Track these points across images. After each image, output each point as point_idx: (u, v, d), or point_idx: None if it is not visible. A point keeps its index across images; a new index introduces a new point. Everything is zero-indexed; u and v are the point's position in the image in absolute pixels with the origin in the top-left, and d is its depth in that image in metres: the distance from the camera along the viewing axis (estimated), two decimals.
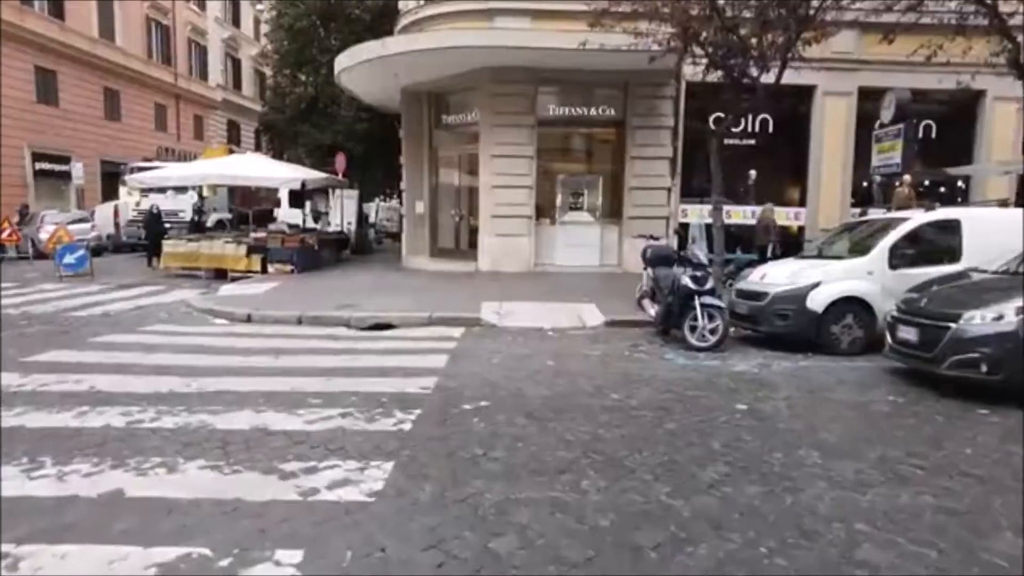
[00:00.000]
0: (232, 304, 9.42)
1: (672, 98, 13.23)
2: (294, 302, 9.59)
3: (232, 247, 13.62)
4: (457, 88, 13.92)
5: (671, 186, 13.32)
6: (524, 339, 7.48)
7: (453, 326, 8.28)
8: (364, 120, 17.31)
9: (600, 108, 13.33)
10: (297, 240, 13.69)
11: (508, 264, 12.99)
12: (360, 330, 8.23)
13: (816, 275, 6.85)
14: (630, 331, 8.09)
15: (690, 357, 6.51)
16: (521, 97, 12.87)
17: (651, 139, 13.14)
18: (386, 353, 6.49)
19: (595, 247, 13.62)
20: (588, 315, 8.84)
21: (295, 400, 4.69)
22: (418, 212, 14.73)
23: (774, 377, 5.74)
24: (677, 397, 4.96)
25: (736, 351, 6.89)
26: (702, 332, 6.84)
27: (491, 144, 12.97)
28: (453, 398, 4.79)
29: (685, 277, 6.97)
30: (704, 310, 6.86)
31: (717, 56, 9.03)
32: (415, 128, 14.76)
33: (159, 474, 3.31)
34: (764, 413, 4.61)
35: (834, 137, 13.81)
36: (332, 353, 6.49)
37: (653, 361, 6.33)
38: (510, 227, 13.03)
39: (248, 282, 12.21)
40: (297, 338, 7.44)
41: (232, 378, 5.38)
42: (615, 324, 8.44)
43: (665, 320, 7.27)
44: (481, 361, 6.16)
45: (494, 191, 13.04)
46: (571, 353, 6.61)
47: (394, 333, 7.92)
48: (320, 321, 8.52)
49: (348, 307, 9.02)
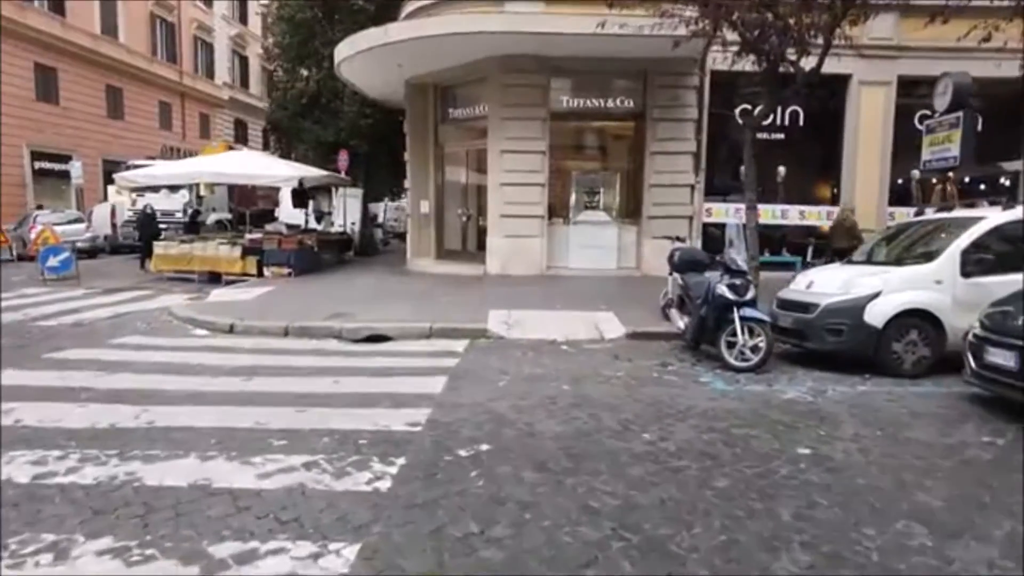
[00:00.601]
0: (216, 312, 8.62)
1: (696, 88, 12.26)
2: (284, 310, 8.78)
3: (226, 249, 12.87)
4: (464, 80, 13.05)
5: (695, 183, 12.36)
6: (535, 354, 6.60)
7: (456, 338, 7.42)
8: (368, 116, 16.48)
9: (618, 100, 12.40)
10: (295, 241, 12.89)
11: (518, 267, 12.11)
12: (353, 342, 7.41)
13: (874, 284, 5.89)
14: (655, 345, 7.17)
15: (729, 380, 5.58)
16: (532, 88, 11.97)
17: (673, 133, 12.18)
18: (375, 375, 5.63)
19: (612, 249, 12.69)
20: (606, 325, 7.94)
21: (254, 441, 3.83)
22: (423, 212, 13.89)
23: (833, 408, 4.80)
24: (723, 438, 4.04)
25: (780, 371, 5.95)
26: (742, 350, 5.91)
27: (500, 139, 12.09)
28: (448, 439, 3.91)
29: (721, 286, 6.04)
30: (744, 324, 5.93)
31: (751, 36, 8.07)
32: (420, 123, 13.92)
33: (39, 564, 2.45)
34: (835, 462, 3.68)
35: (870, 130, 12.77)
36: (313, 374, 5.64)
37: (687, 386, 5.40)
38: (521, 227, 12.14)
39: (241, 286, 11.42)
40: (278, 353, 6.60)
41: (190, 408, 4.54)
42: (637, 336, 7.52)
43: (697, 334, 6.34)
44: (485, 385, 5.28)
45: (503, 189, 12.16)
46: (590, 374, 5.71)
47: (389, 347, 7.06)
48: (308, 332, 7.69)
49: (341, 316, 8.18)
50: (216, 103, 33.89)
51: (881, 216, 13.00)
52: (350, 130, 16.78)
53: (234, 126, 35.54)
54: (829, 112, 13.17)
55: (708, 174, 12.65)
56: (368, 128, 16.68)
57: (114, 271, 14.58)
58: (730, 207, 12.96)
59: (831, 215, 13.26)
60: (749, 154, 8.45)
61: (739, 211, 12.99)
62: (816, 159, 13.53)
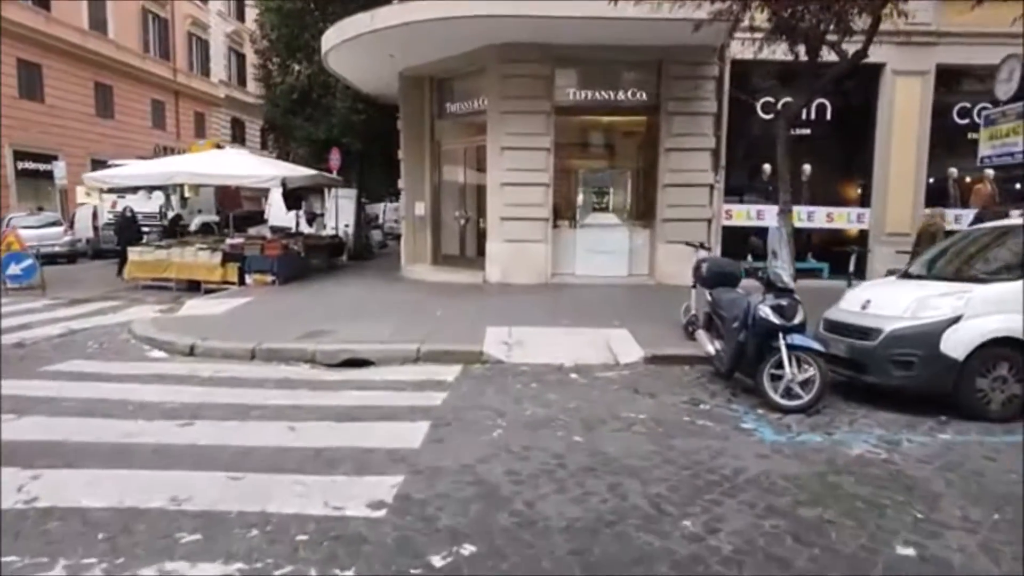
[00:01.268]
0: (180, 330, 7.62)
1: (715, 79, 11.21)
2: (257, 326, 7.79)
3: (206, 255, 11.89)
4: (462, 71, 12.04)
5: (714, 183, 11.31)
6: (539, 386, 5.57)
7: (447, 363, 6.41)
8: (361, 112, 15.49)
9: (629, 92, 11.34)
10: (279, 246, 11.90)
11: (521, 274, 11.09)
12: (328, 367, 6.42)
13: (953, 306, 4.83)
14: (678, 372, 6.15)
15: (778, 426, 4.54)
16: (535, 79, 10.93)
17: (690, 127, 11.12)
18: (343, 418, 4.61)
19: (623, 255, 11.66)
20: (621, 346, 6.91)
21: (156, 536, 2.82)
22: (418, 214, 12.88)
23: (919, 470, 3.76)
24: (790, 526, 3.00)
25: (836, 411, 4.90)
26: (789, 385, 4.87)
27: (501, 135, 11.06)
28: (419, 533, 2.88)
29: (764, 307, 5.00)
30: (793, 354, 4.89)
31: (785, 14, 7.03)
32: (415, 118, 12.91)
33: None
34: (955, 572, 2.64)
35: (905, 125, 11.68)
36: (268, 416, 4.63)
37: (728, 434, 4.36)
38: (523, 231, 11.12)
39: (217, 297, 10.44)
40: (236, 385, 5.59)
41: (95, 473, 3.54)
42: (657, 360, 6.49)
43: (734, 363, 5.30)
44: (475, 434, 4.25)
45: (504, 190, 11.14)
46: (605, 416, 4.67)
47: (368, 375, 6.05)
48: (278, 355, 6.68)
49: (318, 335, 7.18)
50: (212, 102, 33.00)
51: (917, 218, 11.90)
52: (343, 127, 15.79)
53: (231, 125, 34.63)
54: (859, 105, 12.10)
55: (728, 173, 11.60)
56: (362, 125, 15.69)
57: (88, 278, 13.64)
58: (751, 209, 11.93)
59: (861, 217, 12.22)
60: (784, 150, 7.41)
61: (762, 213, 11.99)
62: (844, 156, 12.45)
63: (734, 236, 11.57)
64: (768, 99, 11.67)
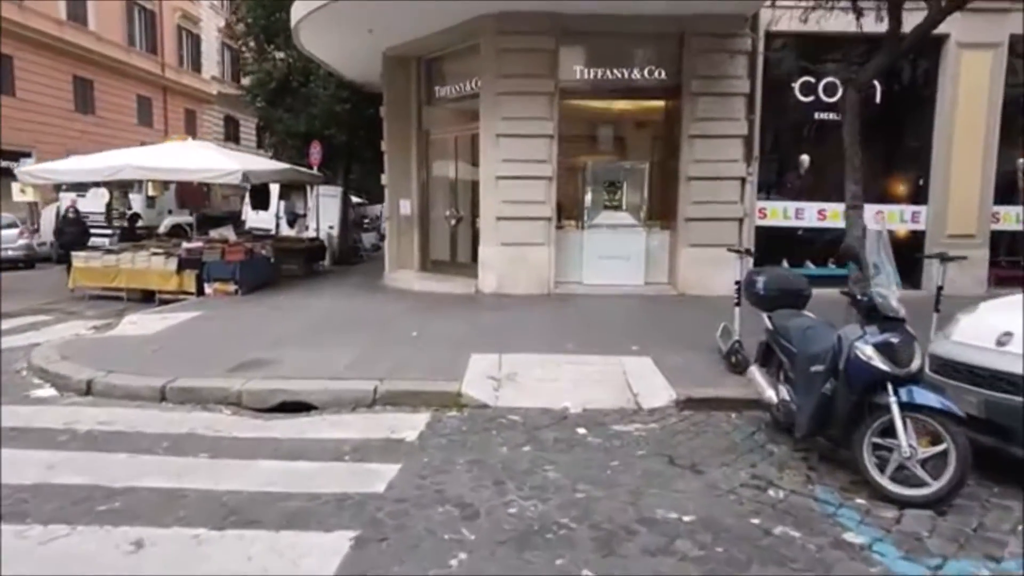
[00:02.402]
0: (86, 359, 6.05)
1: (747, 54, 9.55)
2: (187, 353, 6.24)
3: (160, 261, 10.37)
4: (453, 48, 10.44)
5: (746, 175, 9.64)
6: (534, 449, 3.97)
7: (413, 407, 4.84)
8: (345, 100, 13.96)
9: (646, 69, 9.70)
10: (242, 251, 10.34)
11: (519, 283, 9.48)
12: (256, 412, 4.86)
13: None
14: (724, 423, 4.54)
15: (903, 540, 2.89)
16: (537, 54, 9.32)
17: (718, 110, 9.47)
18: (228, 520, 3.00)
19: (638, 260, 10.01)
20: (643, 382, 5.30)
21: None
22: (403, 213, 11.30)
23: None
24: None
25: (981, 503, 3.26)
26: (904, 464, 3.24)
27: (496, 120, 9.44)
28: None
29: (866, 346, 3.36)
30: (909, 417, 3.25)
31: None
32: (400, 104, 11.33)
33: None
34: None
35: (972, 106, 9.96)
36: (118, 518, 3.04)
37: (826, 554, 2.73)
38: (522, 233, 9.50)
39: (162, 311, 8.89)
40: (114, 447, 4.02)
41: None
42: (694, 405, 4.87)
43: (815, 425, 3.65)
44: (425, 558, 2.65)
45: (500, 184, 9.52)
46: (631, 518, 3.05)
47: (300, 429, 4.45)
48: (194, 396, 5.10)
49: (255, 366, 5.61)
50: (204, 98, 31.58)
51: (984, 217, 10.22)
52: (326, 118, 14.26)
53: (224, 124, 33.24)
54: (915, 84, 10.43)
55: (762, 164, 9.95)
56: (347, 115, 14.15)
57: (34, 286, 12.15)
58: (788, 207, 10.25)
59: (916, 216, 10.51)
60: (853, 129, 5.74)
61: (801, 212, 10.32)
62: (897, 145, 10.76)
63: (769, 239, 9.93)
64: (807, 79, 10.01)
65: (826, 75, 9.85)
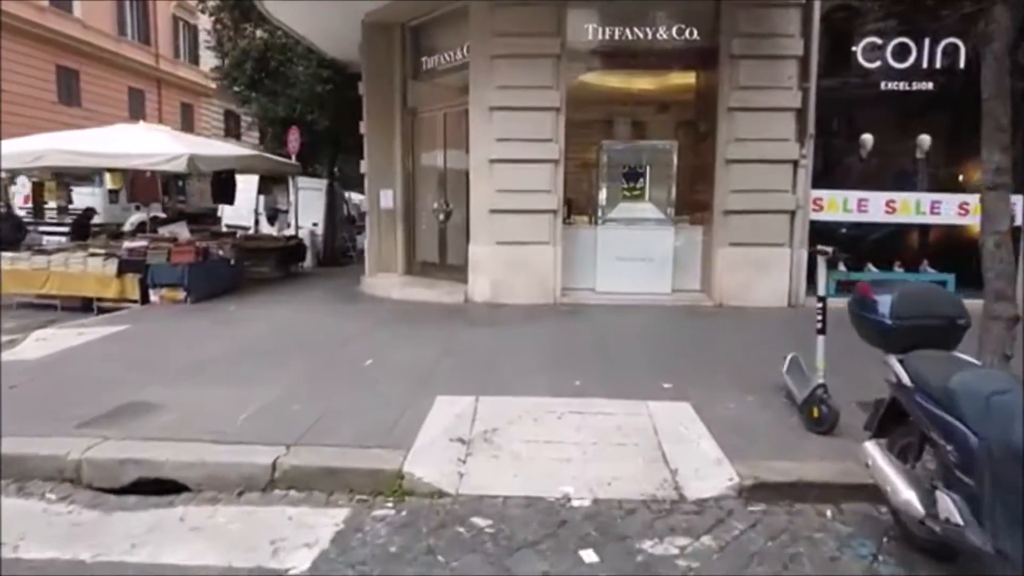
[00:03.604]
0: None
1: (799, 6, 7.71)
2: (48, 393, 4.57)
3: (98, 263, 8.79)
4: (443, 9, 8.72)
5: (800, 158, 7.79)
6: None
7: (327, 495, 3.12)
8: (327, 80, 12.33)
9: (674, 28, 7.89)
10: (191, 251, 8.70)
11: (517, 291, 7.74)
12: (99, 493, 3.20)
13: None
14: (817, 528, 2.75)
15: None
16: (539, 9, 7.56)
17: (764, 78, 7.64)
18: None
19: (665, 263, 8.20)
20: (684, 447, 3.53)
21: None
22: (384, 206, 9.58)
23: None
24: None
25: None
26: None
27: (488, 89, 7.70)
28: None
29: None
30: None
31: None
32: (382, 79, 9.62)
33: None
34: None
35: None
36: None
37: None
38: (521, 229, 7.75)
39: (80, 326, 7.25)
40: None
41: None
42: (766, 491, 3.08)
43: None
44: None
45: (495, 169, 7.78)
46: None
47: (132, 544, 2.73)
48: (18, 469, 3.42)
49: (122, 417, 3.92)
50: (202, 92, 30.24)
51: None
52: (306, 100, 12.64)
53: (224, 118, 31.90)
54: None
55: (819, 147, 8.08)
56: (329, 97, 12.52)
57: None
58: (849, 197, 8.37)
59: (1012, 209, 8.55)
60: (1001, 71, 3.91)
61: (864, 204, 8.43)
62: None
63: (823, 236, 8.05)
64: (874, 39, 8.13)
65: (891, 39, 8.01)
